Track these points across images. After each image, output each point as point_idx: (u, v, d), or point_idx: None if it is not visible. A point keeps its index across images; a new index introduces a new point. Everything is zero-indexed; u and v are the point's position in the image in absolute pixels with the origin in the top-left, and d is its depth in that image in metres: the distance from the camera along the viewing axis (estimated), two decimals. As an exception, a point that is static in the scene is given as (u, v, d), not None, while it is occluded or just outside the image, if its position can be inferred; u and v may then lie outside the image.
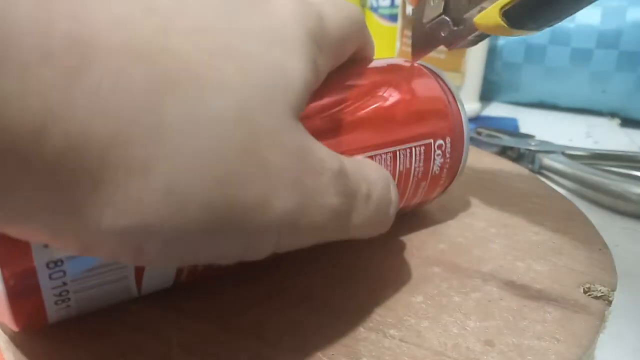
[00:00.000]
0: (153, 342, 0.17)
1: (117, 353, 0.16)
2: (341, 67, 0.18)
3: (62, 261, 0.15)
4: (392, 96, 0.21)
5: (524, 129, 0.52)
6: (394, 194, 0.18)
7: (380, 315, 0.19)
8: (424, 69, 0.24)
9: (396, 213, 0.18)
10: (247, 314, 0.18)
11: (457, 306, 0.19)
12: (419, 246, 0.23)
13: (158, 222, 0.11)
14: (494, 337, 0.18)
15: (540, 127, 0.51)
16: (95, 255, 0.12)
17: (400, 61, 0.24)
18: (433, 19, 0.22)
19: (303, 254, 0.22)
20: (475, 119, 0.55)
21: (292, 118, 0.13)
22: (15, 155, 0.09)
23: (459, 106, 0.23)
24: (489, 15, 0.19)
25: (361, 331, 0.18)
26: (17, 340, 0.17)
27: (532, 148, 0.40)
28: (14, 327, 0.16)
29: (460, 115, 0.23)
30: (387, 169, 0.20)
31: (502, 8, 0.18)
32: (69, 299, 0.16)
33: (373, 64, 0.22)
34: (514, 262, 0.22)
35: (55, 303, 0.15)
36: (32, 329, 0.17)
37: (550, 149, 0.40)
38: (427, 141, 0.22)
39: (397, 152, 0.21)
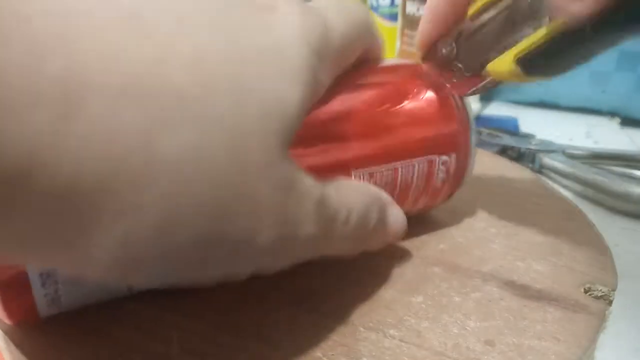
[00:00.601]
0: (152, 342, 0.17)
1: (115, 353, 0.16)
2: (347, 69, 0.18)
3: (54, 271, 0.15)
4: (397, 108, 0.20)
5: (524, 128, 0.52)
6: (373, 216, 0.17)
7: (380, 315, 0.19)
8: (435, 79, 0.22)
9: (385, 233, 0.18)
10: (247, 314, 0.18)
11: (457, 306, 0.19)
12: (419, 246, 0.23)
13: (146, 256, 0.11)
14: (494, 337, 0.18)
15: (541, 126, 0.51)
16: (85, 276, 0.13)
17: (411, 65, 0.23)
18: (445, 65, 0.21)
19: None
20: (476, 119, 0.55)
21: (282, 149, 0.13)
22: (5, 192, 0.09)
23: (468, 118, 0.22)
24: (503, 62, 0.19)
25: (361, 331, 0.18)
26: (17, 340, 0.17)
27: (533, 147, 0.40)
28: (6, 320, 0.16)
29: (469, 128, 0.22)
30: (387, 185, 0.20)
31: (516, 55, 0.18)
32: (59, 295, 0.16)
33: (384, 66, 0.21)
34: (514, 262, 0.22)
35: (45, 296, 0.16)
36: (25, 322, 0.17)
37: (551, 149, 0.40)
38: (430, 157, 0.21)
39: (399, 169, 0.20)
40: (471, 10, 0.20)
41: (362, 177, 0.19)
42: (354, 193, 0.17)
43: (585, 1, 0.15)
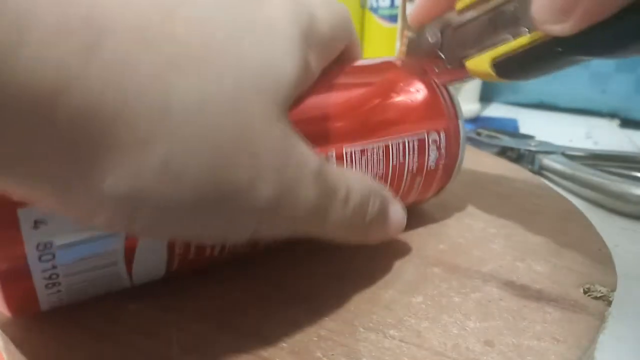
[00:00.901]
0: (153, 342, 0.17)
1: (116, 353, 0.16)
2: (330, 65, 0.19)
3: (51, 244, 0.15)
4: (384, 90, 0.21)
5: (523, 129, 0.52)
6: (373, 204, 0.18)
7: (380, 315, 0.19)
8: (416, 68, 0.24)
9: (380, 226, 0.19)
10: (247, 314, 0.18)
11: (457, 306, 0.19)
12: (419, 246, 0.23)
13: (152, 193, 0.12)
14: (493, 337, 0.18)
15: (540, 127, 0.51)
16: (93, 222, 0.12)
17: (395, 60, 0.24)
18: (429, 53, 0.23)
19: (303, 253, 0.22)
20: (475, 120, 0.55)
21: (280, 112, 0.14)
22: (35, 115, 0.10)
23: (454, 103, 0.23)
24: (480, 63, 0.20)
25: (361, 331, 0.18)
26: (17, 341, 0.17)
27: (532, 149, 0.40)
28: (6, 312, 0.16)
29: (456, 112, 0.23)
30: (379, 163, 0.20)
31: (493, 59, 0.19)
32: (59, 283, 0.16)
33: (368, 62, 0.22)
34: (513, 262, 0.22)
35: (46, 287, 0.16)
36: (25, 314, 0.17)
37: (550, 150, 0.40)
38: (420, 135, 0.22)
39: (390, 145, 0.21)
40: (460, 4, 0.21)
41: (354, 153, 0.20)
42: (354, 177, 0.18)
43: (564, 24, 0.16)
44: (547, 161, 0.39)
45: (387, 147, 0.21)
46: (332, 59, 0.19)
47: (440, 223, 0.26)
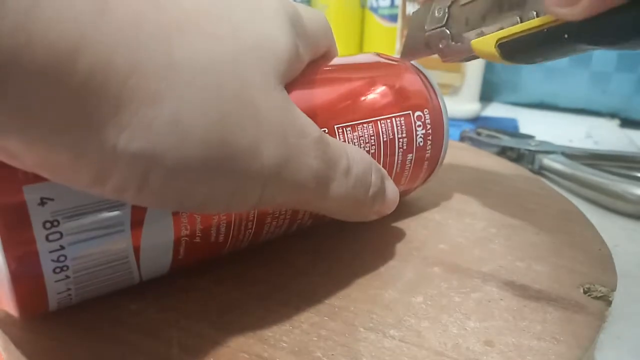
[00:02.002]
0: (153, 342, 0.17)
1: (116, 353, 0.16)
2: (311, 64, 0.20)
3: (58, 222, 0.15)
4: (368, 77, 0.23)
5: (523, 129, 0.52)
6: (375, 177, 0.19)
7: (380, 315, 0.19)
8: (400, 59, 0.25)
9: (383, 201, 0.20)
10: (247, 313, 0.18)
11: (457, 306, 0.19)
12: (419, 246, 0.23)
13: (164, 150, 0.13)
14: (494, 337, 0.18)
15: (540, 127, 0.51)
16: (105, 185, 0.13)
17: (375, 54, 0.25)
18: (434, 29, 0.23)
19: (303, 253, 0.22)
20: (475, 120, 0.55)
21: (278, 81, 0.16)
22: (53, 72, 0.11)
23: (433, 85, 0.25)
24: (485, 42, 0.20)
25: (361, 331, 0.18)
26: (17, 341, 0.17)
27: (532, 148, 0.40)
28: (13, 307, 0.16)
29: (435, 93, 0.24)
30: (371, 139, 0.21)
31: (498, 40, 0.19)
32: (67, 267, 0.15)
33: (347, 58, 0.24)
34: (514, 262, 0.22)
35: (54, 272, 0.15)
36: (33, 308, 0.17)
37: (550, 150, 0.40)
38: (405, 112, 0.23)
39: (378, 123, 0.22)
40: None
41: (345, 130, 0.20)
42: (354, 149, 0.19)
43: (573, 8, 0.16)
44: (547, 161, 0.39)
45: (375, 124, 0.22)
46: (316, 57, 0.20)
47: (440, 223, 0.26)
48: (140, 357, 0.16)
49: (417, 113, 0.23)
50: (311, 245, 0.23)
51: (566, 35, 0.17)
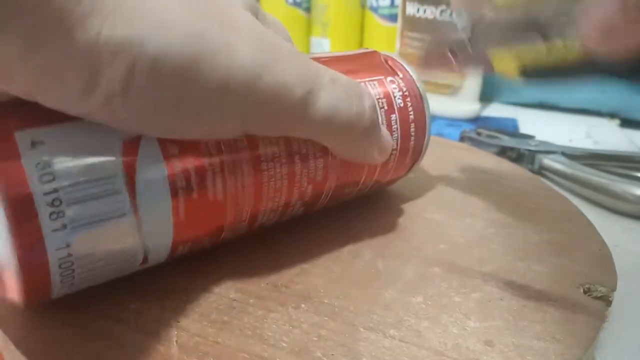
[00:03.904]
0: (153, 342, 0.17)
1: (116, 353, 0.16)
2: None
3: (50, 163, 0.15)
4: (342, 61, 0.24)
5: (523, 129, 0.52)
6: (368, 98, 0.20)
7: (380, 315, 0.19)
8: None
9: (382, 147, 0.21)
10: (248, 314, 0.18)
11: (457, 306, 0.19)
12: (419, 246, 0.23)
13: (146, 36, 0.13)
14: (494, 337, 0.18)
15: (540, 127, 0.51)
16: (94, 94, 0.14)
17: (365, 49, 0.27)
18: (458, 39, 0.23)
19: (303, 254, 0.22)
20: (476, 120, 0.55)
21: (247, 9, 0.17)
22: None
23: (403, 64, 0.26)
24: (508, 64, 0.21)
25: (361, 331, 0.18)
26: (17, 341, 0.17)
27: (532, 148, 0.40)
28: (17, 299, 0.16)
29: (406, 69, 0.25)
30: None
31: (522, 64, 0.20)
32: (63, 213, 0.15)
33: (338, 53, 0.25)
34: (514, 262, 0.22)
35: (50, 217, 0.15)
36: (37, 302, 0.16)
37: (550, 150, 0.40)
38: (378, 78, 0.24)
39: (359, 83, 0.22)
40: (499, 1, 0.21)
41: None
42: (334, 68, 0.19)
43: (617, 46, 0.15)
44: (547, 161, 0.39)
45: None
46: None
47: (440, 223, 0.26)
48: (140, 357, 0.16)
49: (390, 78, 0.24)
50: (311, 245, 0.23)
51: (593, 69, 0.17)
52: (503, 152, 0.41)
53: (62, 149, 0.15)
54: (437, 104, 0.25)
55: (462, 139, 0.45)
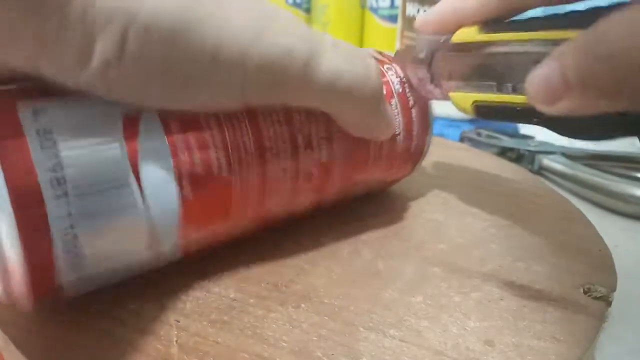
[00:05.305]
0: (153, 342, 0.17)
1: (116, 353, 0.16)
2: None
3: (51, 130, 0.15)
4: None
5: (523, 129, 0.52)
6: (372, 62, 0.19)
7: (380, 315, 0.19)
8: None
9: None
10: (248, 314, 0.18)
11: (457, 306, 0.19)
12: (419, 246, 0.23)
13: (140, 2, 0.14)
14: (494, 337, 0.18)
15: (540, 127, 0.51)
16: (90, 62, 0.14)
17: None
18: (418, 66, 0.23)
19: (303, 254, 0.22)
20: (475, 120, 0.55)
21: None
22: None
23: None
24: (463, 99, 0.21)
25: (361, 331, 0.18)
26: (17, 341, 0.17)
27: (532, 149, 0.40)
28: (24, 299, 0.15)
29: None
30: None
31: (475, 101, 0.21)
32: (64, 180, 0.15)
33: None
34: (513, 262, 0.22)
35: (52, 185, 0.15)
36: (45, 301, 0.16)
37: (550, 150, 0.40)
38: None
39: None
40: (456, 37, 0.21)
41: None
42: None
43: (549, 107, 0.16)
44: (547, 161, 0.39)
45: None
46: None
47: (440, 223, 0.26)
48: (140, 357, 0.16)
49: (386, 66, 0.24)
50: (311, 245, 0.23)
51: (535, 120, 0.18)
52: (503, 152, 0.41)
53: (63, 119, 0.15)
54: (437, 104, 0.25)
55: (462, 139, 0.45)
